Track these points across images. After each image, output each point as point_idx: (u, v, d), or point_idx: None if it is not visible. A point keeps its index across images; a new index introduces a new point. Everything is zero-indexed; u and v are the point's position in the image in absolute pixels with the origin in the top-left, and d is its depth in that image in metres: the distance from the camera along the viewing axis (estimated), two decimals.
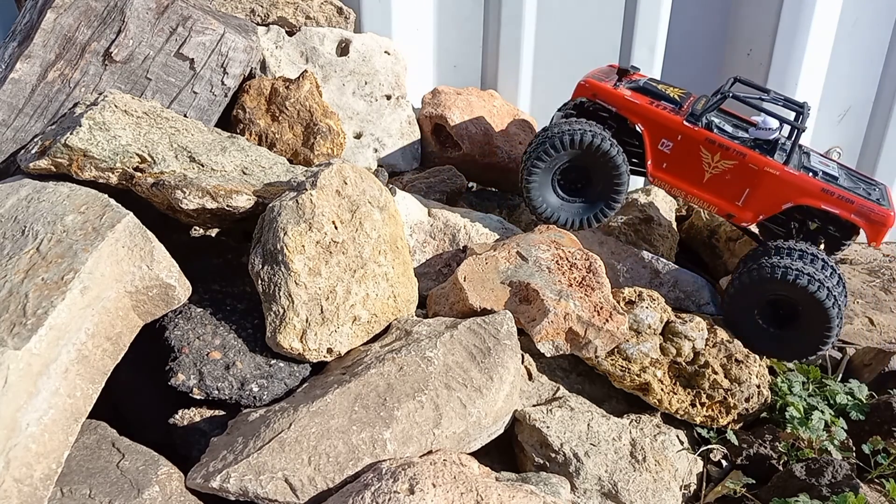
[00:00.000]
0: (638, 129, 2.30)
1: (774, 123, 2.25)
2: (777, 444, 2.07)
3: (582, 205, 2.37)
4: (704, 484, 2.03)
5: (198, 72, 2.23)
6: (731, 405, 2.10)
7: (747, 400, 2.11)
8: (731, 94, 2.25)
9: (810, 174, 2.22)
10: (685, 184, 2.31)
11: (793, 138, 2.21)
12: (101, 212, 1.69)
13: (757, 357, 2.18)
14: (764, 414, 2.18)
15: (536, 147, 2.29)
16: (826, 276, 2.12)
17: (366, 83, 2.83)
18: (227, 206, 1.86)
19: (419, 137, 2.95)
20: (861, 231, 2.23)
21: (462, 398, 1.72)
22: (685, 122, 2.25)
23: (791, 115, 2.31)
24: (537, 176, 2.29)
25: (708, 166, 2.25)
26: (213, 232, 2.41)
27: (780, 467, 2.03)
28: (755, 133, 2.27)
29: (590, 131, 2.23)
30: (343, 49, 2.84)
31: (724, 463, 2.10)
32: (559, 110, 2.59)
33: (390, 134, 2.88)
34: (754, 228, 2.56)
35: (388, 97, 2.89)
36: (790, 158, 2.20)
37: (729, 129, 2.32)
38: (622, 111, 2.33)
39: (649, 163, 2.32)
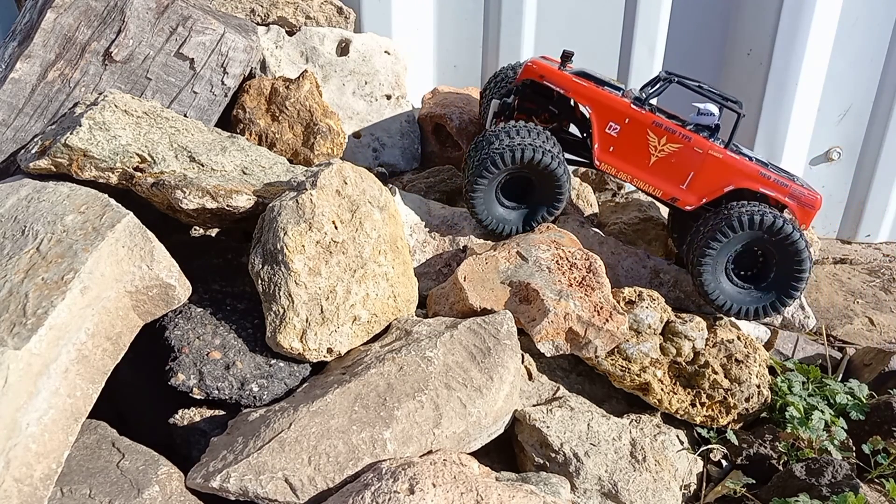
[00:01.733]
0: (586, 111, 2.29)
1: (715, 109, 2.27)
2: (777, 444, 2.07)
3: (525, 210, 2.36)
4: (704, 484, 2.03)
5: (198, 72, 2.23)
6: (731, 405, 2.10)
7: (747, 400, 2.11)
8: (675, 80, 2.27)
9: (746, 159, 2.27)
10: (632, 168, 2.31)
11: (733, 124, 2.23)
12: (101, 212, 1.69)
13: (757, 357, 2.19)
14: (764, 414, 2.18)
15: (479, 164, 2.25)
16: (779, 213, 2.17)
17: (366, 83, 2.83)
18: (227, 206, 1.86)
19: (419, 137, 2.95)
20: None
21: (462, 398, 1.72)
22: (632, 106, 2.26)
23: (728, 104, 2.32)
24: (481, 191, 2.27)
25: (654, 150, 2.27)
26: (213, 232, 2.41)
27: (780, 467, 2.03)
28: (696, 119, 2.29)
29: (531, 146, 2.21)
30: (343, 49, 2.84)
31: (724, 463, 2.10)
32: (494, 96, 2.54)
33: (390, 134, 2.88)
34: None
35: (388, 97, 2.89)
36: (730, 143, 2.24)
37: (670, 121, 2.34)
38: (571, 94, 2.32)
39: (596, 146, 2.31)
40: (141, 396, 1.86)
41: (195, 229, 2.40)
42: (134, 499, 1.45)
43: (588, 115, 2.30)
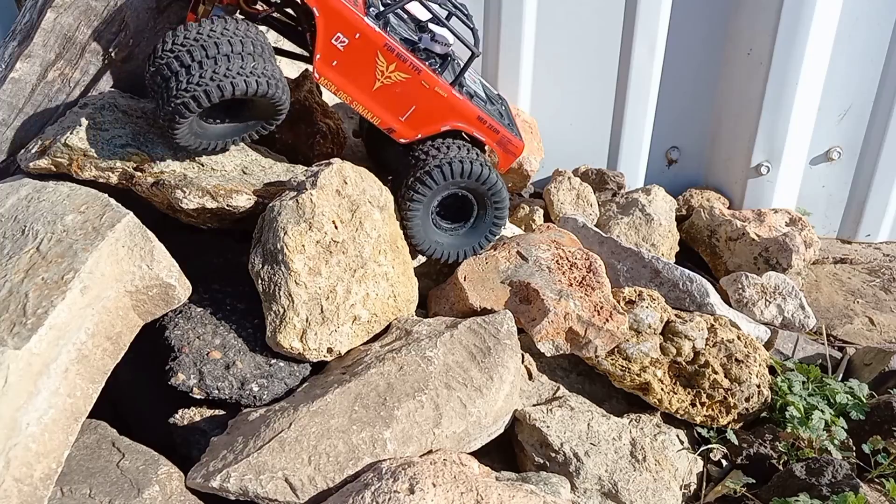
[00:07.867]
0: (315, 13, 1.95)
1: (450, 38, 2.11)
2: (777, 443, 2.07)
3: (238, 126, 1.99)
4: (704, 484, 2.03)
5: None
6: (731, 405, 2.10)
7: (747, 399, 2.11)
8: None
9: (468, 97, 2.17)
10: (353, 89, 2.07)
11: (465, 62, 2.12)
12: (101, 211, 1.69)
13: (757, 357, 2.19)
14: (764, 414, 2.18)
15: (177, 105, 1.77)
16: (484, 160, 2.13)
17: None
18: (227, 205, 1.86)
19: None
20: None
21: (462, 398, 1.72)
22: (366, 20, 1.98)
23: (465, 32, 2.12)
24: (184, 124, 1.86)
25: (380, 74, 2.07)
26: (213, 232, 2.41)
27: (780, 467, 2.03)
28: (427, 43, 2.11)
29: (253, 74, 1.83)
30: None
31: (724, 463, 2.10)
32: None
33: None
34: None
35: None
36: (458, 81, 2.13)
37: (403, 31, 2.14)
38: None
39: (318, 56, 2.00)
40: (141, 396, 1.86)
41: (195, 229, 2.40)
42: (134, 498, 1.46)
43: (314, 17, 1.96)
